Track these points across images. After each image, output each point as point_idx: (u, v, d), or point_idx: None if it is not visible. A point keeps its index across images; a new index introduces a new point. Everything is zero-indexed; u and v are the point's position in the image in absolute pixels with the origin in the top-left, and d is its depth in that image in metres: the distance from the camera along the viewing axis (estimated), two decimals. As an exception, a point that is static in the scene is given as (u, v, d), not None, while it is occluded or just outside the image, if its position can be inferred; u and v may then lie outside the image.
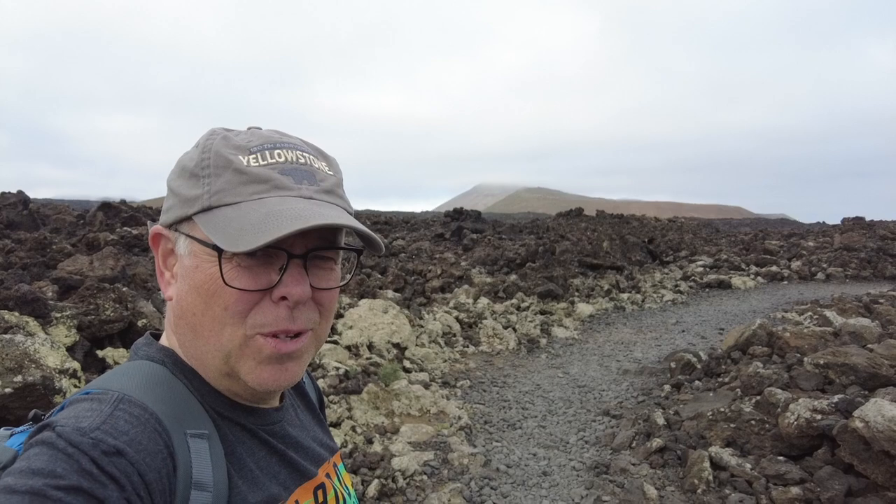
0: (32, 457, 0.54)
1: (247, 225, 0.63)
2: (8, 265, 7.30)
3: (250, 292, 0.65)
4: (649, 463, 4.34)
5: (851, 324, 6.39)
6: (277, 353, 0.67)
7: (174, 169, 0.72)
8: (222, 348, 0.67)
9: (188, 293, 0.67)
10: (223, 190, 0.66)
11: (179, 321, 0.70)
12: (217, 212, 0.66)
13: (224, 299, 0.65)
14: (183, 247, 0.69)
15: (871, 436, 3.37)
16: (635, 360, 7.61)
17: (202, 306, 0.66)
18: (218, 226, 0.64)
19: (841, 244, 19.38)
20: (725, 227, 43.11)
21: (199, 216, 0.66)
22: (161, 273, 0.73)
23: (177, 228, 0.70)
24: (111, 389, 0.63)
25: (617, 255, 14.98)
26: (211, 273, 0.65)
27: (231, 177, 0.66)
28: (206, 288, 0.66)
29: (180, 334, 0.71)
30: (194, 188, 0.67)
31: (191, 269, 0.67)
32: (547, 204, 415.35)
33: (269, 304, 0.66)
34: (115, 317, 4.84)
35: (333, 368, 5.55)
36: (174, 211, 0.70)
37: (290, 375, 0.70)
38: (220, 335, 0.66)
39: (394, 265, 12.27)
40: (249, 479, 0.68)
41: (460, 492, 3.96)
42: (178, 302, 0.69)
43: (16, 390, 3.30)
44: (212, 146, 0.69)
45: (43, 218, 13.13)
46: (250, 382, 0.68)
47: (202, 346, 0.68)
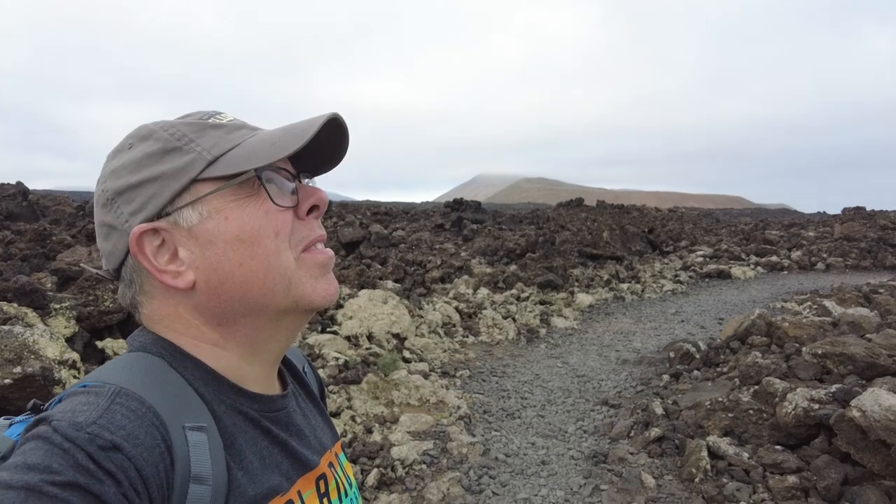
0: (28, 451, 0.53)
1: (275, 139, 0.67)
2: (8, 256, 7.30)
3: (289, 209, 0.69)
4: (647, 452, 4.36)
5: (850, 314, 6.40)
6: (327, 260, 0.73)
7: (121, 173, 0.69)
8: (283, 278, 0.68)
9: (226, 251, 0.66)
10: (217, 143, 0.68)
11: (223, 287, 0.67)
12: (226, 157, 0.67)
13: (273, 226, 0.67)
14: (194, 215, 0.67)
15: (867, 425, 3.39)
16: (634, 350, 7.63)
17: (250, 249, 0.67)
18: (241, 160, 0.67)
19: (841, 234, 19.37)
20: (726, 217, 43.08)
21: (210, 168, 0.67)
22: (161, 272, 0.68)
23: (169, 210, 0.67)
24: (108, 382, 0.62)
25: (617, 246, 14.97)
26: (249, 212, 0.67)
27: (214, 132, 0.69)
28: (248, 228, 0.67)
29: (225, 302, 0.68)
30: (181, 157, 0.67)
31: (218, 225, 0.66)
32: (547, 194, 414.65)
33: (299, 222, 0.70)
34: (115, 308, 4.85)
35: (333, 359, 5.57)
36: (159, 195, 0.67)
37: (336, 285, 0.75)
38: (278, 265, 0.68)
39: (394, 256, 12.27)
40: (250, 471, 0.67)
41: (459, 481, 3.99)
42: (214, 270, 0.67)
43: (15, 381, 3.31)
44: (168, 125, 0.70)
45: (42, 209, 13.12)
46: (317, 300, 0.70)
47: (257, 294, 0.68)
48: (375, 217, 19.49)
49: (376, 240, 14.53)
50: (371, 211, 24.13)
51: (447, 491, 3.87)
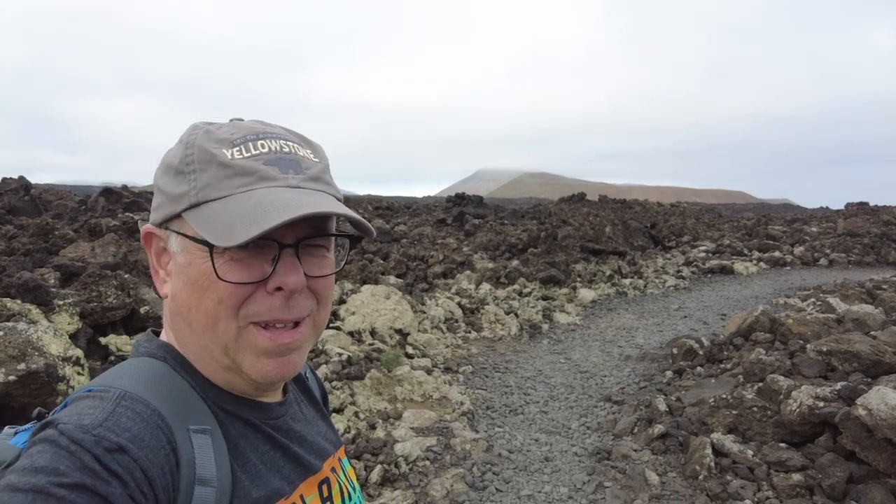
0: (35, 454, 0.54)
1: (235, 218, 0.63)
2: (10, 251, 7.31)
3: (244, 285, 0.65)
4: (651, 449, 4.36)
5: (855, 310, 6.38)
6: (275, 346, 0.68)
7: (160, 167, 0.72)
8: (219, 342, 0.67)
9: (183, 289, 0.67)
10: (209, 185, 0.66)
11: (176, 318, 0.69)
12: (205, 207, 0.65)
13: (218, 293, 0.65)
14: (175, 244, 0.69)
15: (873, 423, 3.37)
16: (637, 346, 7.62)
17: (196, 301, 0.66)
18: (207, 221, 0.64)
19: (844, 230, 19.31)
20: (728, 212, 42.97)
21: (187, 213, 0.66)
22: (156, 272, 0.73)
23: (167, 227, 0.69)
24: (113, 387, 0.63)
25: (619, 241, 14.94)
26: (204, 268, 0.65)
27: (216, 171, 0.66)
28: (199, 283, 0.65)
29: (177, 330, 0.70)
30: (180, 185, 0.67)
31: (184, 265, 0.67)
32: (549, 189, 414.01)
33: (263, 295, 0.66)
34: (118, 304, 4.85)
35: (336, 354, 5.57)
36: (163, 209, 0.69)
37: (292, 366, 0.70)
38: (215, 329, 0.66)
39: (396, 251, 12.26)
40: (253, 474, 0.68)
41: (463, 477, 3.99)
42: (174, 299, 0.69)
43: (19, 378, 3.31)
44: (194, 141, 0.68)
45: (45, 203, 13.12)
46: (253, 375, 0.68)
47: (199, 340, 0.68)
48: (377, 212, 19.48)
49: (378, 235, 14.52)
50: (373, 205, 24.11)
51: (451, 487, 3.87)
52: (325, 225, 0.70)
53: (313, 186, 0.69)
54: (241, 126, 0.71)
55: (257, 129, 0.70)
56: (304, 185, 0.69)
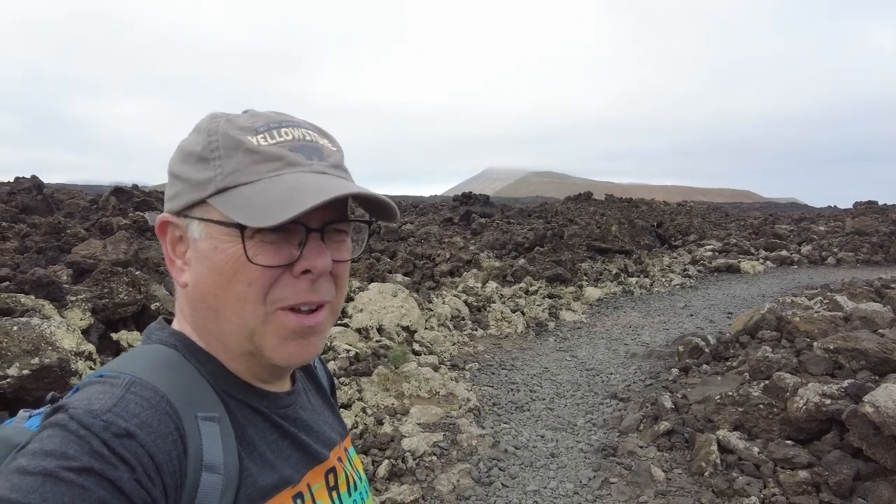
0: (45, 438, 0.55)
1: (270, 200, 0.64)
2: (24, 249, 7.39)
3: (273, 268, 0.66)
4: (657, 446, 4.37)
5: (862, 308, 6.35)
6: (301, 328, 0.69)
7: (175, 156, 0.72)
8: (245, 326, 0.67)
9: (208, 275, 0.67)
10: (237, 170, 0.66)
11: (199, 305, 0.69)
12: (234, 192, 0.66)
13: (248, 276, 0.66)
14: (197, 231, 0.68)
15: (881, 420, 3.38)
16: (643, 344, 7.62)
17: (224, 286, 0.66)
18: (238, 204, 0.65)
19: (853, 228, 19.18)
20: (735, 211, 42.72)
21: (214, 198, 0.66)
22: (171, 261, 0.72)
23: (187, 214, 0.69)
24: (123, 372, 0.63)
25: (626, 239, 14.91)
26: (232, 252, 0.66)
27: (243, 157, 0.67)
28: (227, 267, 0.66)
29: (199, 318, 0.71)
30: (204, 171, 0.67)
31: (209, 251, 0.67)
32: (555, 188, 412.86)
33: (289, 278, 0.67)
34: (129, 300, 4.91)
35: (344, 351, 5.61)
36: (183, 196, 0.69)
37: (314, 349, 0.72)
38: (243, 312, 0.67)
39: (403, 249, 12.29)
40: (260, 462, 0.68)
41: (469, 472, 4.02)
42: (197, 286, 0.69)
43: (33, 372, 3.37)
44: (218, 129, 0.68)
45: (57, 202, 13.24)
46: (276, 359, 0.69)
47: (224, 326, 0.68)
48: (384, 210, 19.51)
49: (385, 233, 14.56)
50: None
51: (457, 482, 3.90)
52: (346, 211, 0.72)
53: (336, 173, 0.71)
54: (260, 115, 0.71)
55: (278, 118, 0.71)
56: (328, 171, 0.70)
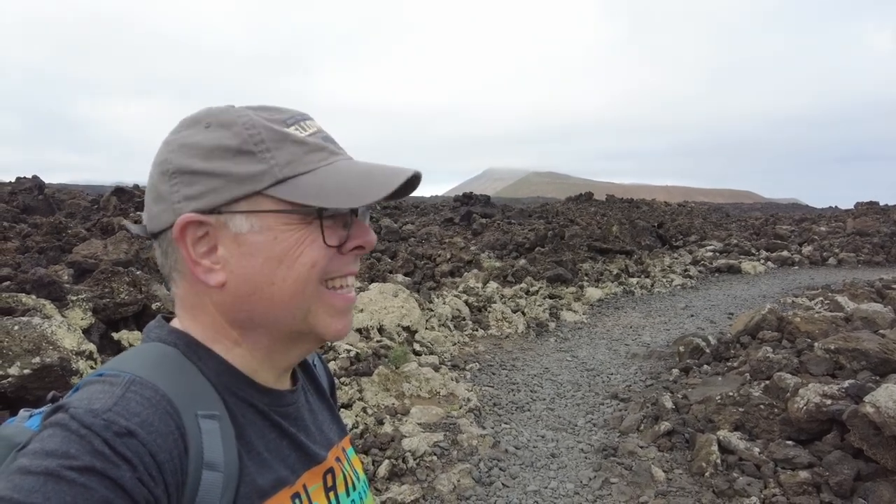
0: (46, 438, 0.55)
1: (349, 183, 0.68)
2: (25, 249, 7.40)
3: (334, 247, 0.70)
4: (657, 446, 4.37)
5: (863, 309, 6.35)
6: (346, 306, 0.73)
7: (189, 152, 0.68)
8: (302, 307, 0.70)
9: (263, 266, 0.67)
10: (293, 161, 0.68)
11: (248, 299, 0.68)
12: (296, 181, 0.67)
13: (312, 258, 0.68)
14: (246, 224, 0.67)
15: (881, 421, 3.37)
16: (644, 344, 7.62)
17: (283, 272, 0.68)
18: (308, 191, 0.67)
19: (854, 229, 19.17)
20: (736, 211, 42.70)
21: (275, 188, 0.67)
22: (196, 263, 0.68)
23: (226, 210, 0.67)
24: (123, 371, 0.63)
25: (626, 240, 14.91)
26: (296, 238, 0.68)
27: (294, 148, 0.68)
28: (290, 253, 0.67)
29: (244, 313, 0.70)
30: (252, 165, 0.66)
31: (265, 242, 0.67)
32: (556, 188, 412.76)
33: (338, 255, 0.71)
34: (130, 300, 4.91)
35: (344, 351, 5.61)
36: (221, 192, 0.67)
37: (350, 323, 0.76)
38: (303, 294, 0.69)
39: (403, 249, 12.30)
40: (258, 461, 0.68)
41: (469, 472, 4.02)
42: (247, 280, 0.68)
43: (34, 371, 3.37)
44: (253, 122, 0.68)
45: (58, 203, 13.25)
46: (328, 335, 0.73)
47: (279, 312, 0.69)
48: (385, 211, 19.53)
49: (386, 233, 14.58)
50: (381, 205, 24.11)
51: (458, 482, 3.90)
52: None
53: None
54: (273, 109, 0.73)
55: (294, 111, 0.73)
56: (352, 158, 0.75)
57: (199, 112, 0.72)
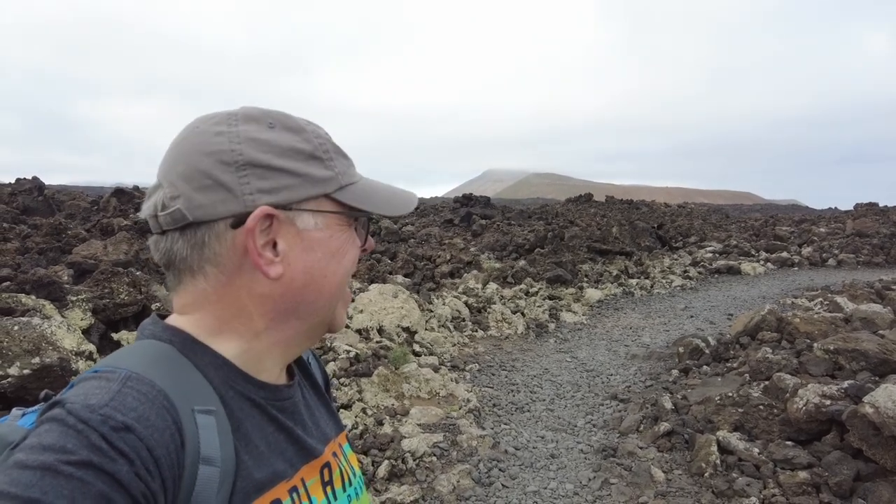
0: (43, 433, 0.55)
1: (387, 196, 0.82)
2: (25, 250, 7.40)
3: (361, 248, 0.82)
4: (657, 446, 4.37)
5: (863, 310, 6.35)
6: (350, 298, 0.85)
7: (265, 148, 0.70)
8: (338, 298, 0.80)
9: (321, 260, 0.75)
10: (345, 172, 0.78)
11: (304, 290, 0.74)
12: (352, 188, 0.78)
13: (354, 255, 0.80)
14: (311, 222, 0.74)
15: (881, 421, 3.38)
16: (643, 345, 7.62)
17: (335, 267, 0.76)
18: (363, 199, 0.78)
19: (853, 230, 19.17)
20: (735, 212, 42.72)
21: (339, 192, 0.76)
22: (259, 255, 0.69)
23: (297, 207, 0.72)
24: (119, 367, 0.63)
25: (626, 241, 14.91)
26: (346, 237, 0.78)
27: (344, 161, 0.79)
28: (343, 250, 0.77)
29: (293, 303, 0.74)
30: (322, 170, 0.75)
31: (325, 238, 0.75)
32: (556, 189, 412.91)
33: None
34: (130, 300, 4.91)
35: (344, 352, 5.61)
36: (297, 190, 0.71)
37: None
38: (342, 286, 0.79)
39: (403, 250, 12.30)
40: (255, 455, 0.69)
41: (469, 473, 4.02)
42: (306, 272, 0.74)
43: (34, 372, 3.38)
44: (318, 132, 0.78)
45: (58, 204, 13.25)
46: (338, 325, 0.82)
47: (323, 302, 0.77)
48: (384, 212, 19.54)
49: (386, 234, 14.58)
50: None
51: (457, 483, 3.90)
52: None
53: None
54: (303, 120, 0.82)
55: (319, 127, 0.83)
56: None
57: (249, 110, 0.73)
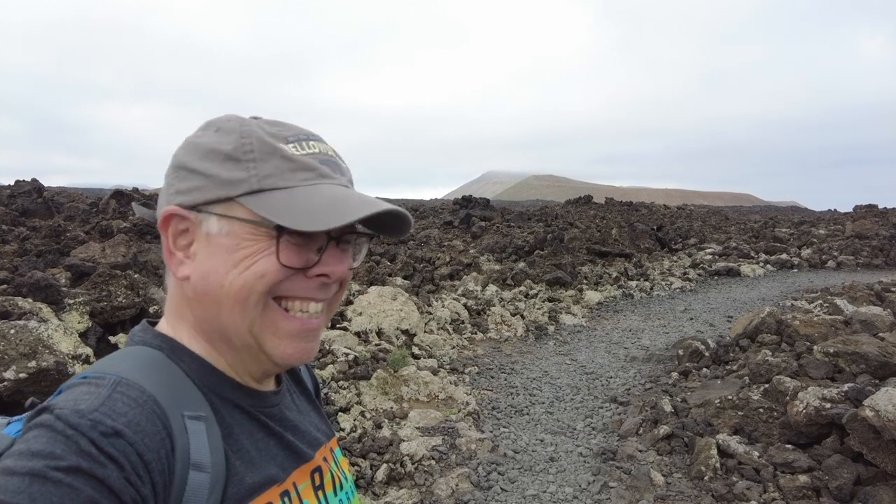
0: (31, 439, 0.54)
1: (315, 207, 0.67)
2: (23, 252, 7.39)
3: (293, 269, 0.69)
4: (656, 450, 4.35)
5: (863, 312, 6.34)
6: (303, 331, 0.72)
7: (191, 150, 0.71)
8: (246, 318, 0.69)
9: (219, 267, 0.68)
10: (273, 175, 0.68)
11: (203, 298, 0.70)
12: (269, 194, 0.68)
13: (264, 269, 0.68)
14: (216, 226, 0.69)
15: (881, 424, 3.36)
16: (643, 348, 7.61)
17: (233, 277, 0.68)
18: (276, 207, 0.67)
19: (853, 232, 19.17)
20: (735, 214, 42.72)
21: (246, 197, 0.68)
22: (171, 254, 0.72)
23: (205, 209, 0.70)
24: (108, 373, 0.63)
25: (626, 243, 14.91)
26: (255, 248, 0.68)
27: (279, 163, 0.69)
28: (245, 261, 0.68)
29: (201, 311, 0.71)
30: (235, 171, 0.68)
31: (229, 246, 0.68)
32: (556, 191, 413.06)
33: (301, 278, 0.70)
34: (127, 303, 4.90)
35: (343, 354, 5.59)
36: (203, 192, 0.69)
37: (312, 352, 0.74)
38: (245, 304, 0.68)
39: (402, 252, 12.29)
40: (247, 460, 0.69)
41: (468, 476, 4.00)
42: (203, 278, 0.69)
43: (30, 375, 3.36)
44: (251, 132, 0.70)
45: (57, 206, 13.23)
46: (275, 356, 0.71)
47: (226, 317, 0.69)
48: (384, 214, 19.54)
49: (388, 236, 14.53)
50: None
51: (456, 486, 3.88)
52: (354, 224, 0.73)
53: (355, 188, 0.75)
54: (284, 125, 0.74)
55: (303, 130, 0.74)
56: (350, 186, 0.73)
57: (218, 118, 0.75)
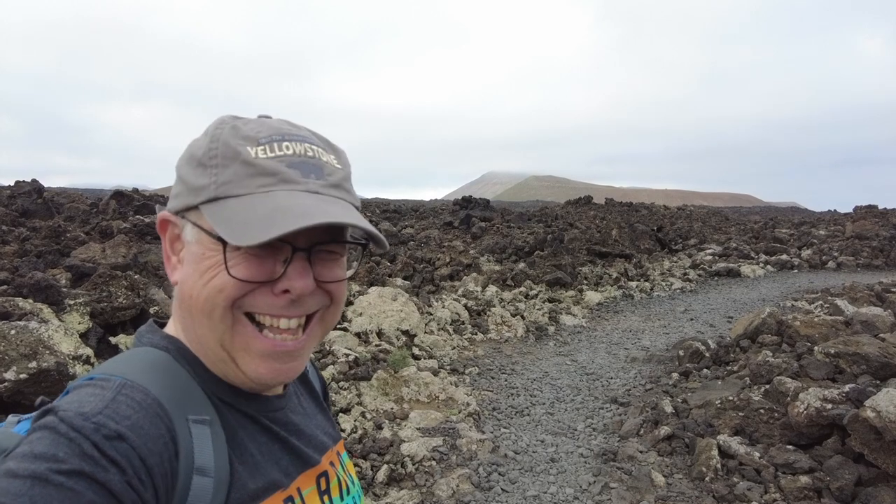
0: (34, 441, 0.54)
1: (253, 218, 0.63)
2: (23, 253, 7.38)
3: (252, 283, 0.66)
4: (657, 450, 4.35)
5: (863, 313, 6.33)
6: (275, 352, 0.68)
7: (183, 155, 0.71)
8: (215, 332, 0.67)
9: (191, 276, 0.68)
10: (230, 181, 0.66)
11: (182, 304, 0.70)
12: (223, 203, 0.65)
13: (222, 283, 0.65)
14: (190, 234, 0.69)
15: (882, 425, 3.36)
16: (643, 348, 7.61)
17: (199, 289, 0.67)
18: (223, 217, 0.64)
19: (853, 232, 19.16)
20: (735, 215, 42.72)
21: (205, 206, 0.66)
22: (168, 257, 0.73)
23: (184, 216, 0.70)
24: (114, 375, 0.63)
25: (626, 243, 14.91)
26: (216, 260, 0.66)
27: (238, 168, 0.66)
28: (208, 273, 0.66)
29: (182, 318, 0.71)
30: (201, 177, 0.67)
31: (198, 255, 0.67)
32: (556, 192, 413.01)
33: (267, 293, 0.67)
34: (128, 304, 4.90)
35: (343, 355, 5.59)
36: (182, 198, 0.69)
37: (292, 372, 0.71)
38: (210, 318, 0.66)
39: (403, 253, 12.29)
40: (251, 465, 0.68)
41: (469, 477, 4.00)
42: (182, 285, 0.70)
43: (31, 376, 3.36)
44: (220, 136, 0.67)
45: (57, 206, 13.22)
46: (248, 373, 0.69)
47: (198, 329, 0.68)
48: (385, 214, 19.53)
49: (385, 237, 14.53)
50: (380, 208, 24.18)
51: (457, 487, 3.88)
52: (340, 231, 0.70)
53: (333, 193, 0.69)
54: (268, 125, 0.70)
55: (284, 130, 0.70)
56: (324, 191, 0.68)
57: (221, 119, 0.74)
